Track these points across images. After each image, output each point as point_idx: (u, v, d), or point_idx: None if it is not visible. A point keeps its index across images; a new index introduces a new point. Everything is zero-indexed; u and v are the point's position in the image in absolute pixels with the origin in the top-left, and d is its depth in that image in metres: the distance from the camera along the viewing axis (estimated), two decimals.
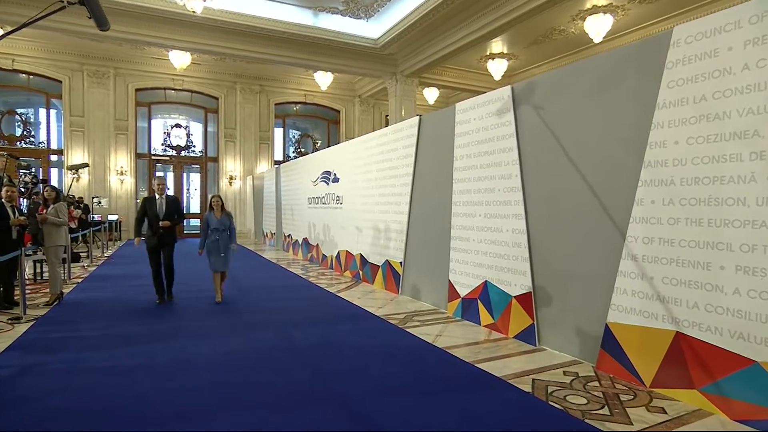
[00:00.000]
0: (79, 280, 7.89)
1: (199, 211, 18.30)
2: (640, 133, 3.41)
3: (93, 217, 13.81)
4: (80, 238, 11.91)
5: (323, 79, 16.87)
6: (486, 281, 4.96)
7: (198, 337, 4.61)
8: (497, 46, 15.13)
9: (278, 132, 19.45)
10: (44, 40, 14.14)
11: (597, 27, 12.66)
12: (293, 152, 19.76)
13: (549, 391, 3.26)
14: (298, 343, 4.42)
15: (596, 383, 3.43)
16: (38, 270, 8.09)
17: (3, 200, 5.61)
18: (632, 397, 3.20)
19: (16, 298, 5.81)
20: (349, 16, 13.31)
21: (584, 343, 3.89)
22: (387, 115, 19.05)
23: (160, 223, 5.89)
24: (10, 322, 5.07)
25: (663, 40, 3.29)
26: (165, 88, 16.98)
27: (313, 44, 13.91)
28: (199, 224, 18.45)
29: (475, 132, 5.15)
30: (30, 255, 7.07)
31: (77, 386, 3.33)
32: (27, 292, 5.88)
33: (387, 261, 7.07)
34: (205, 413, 2.92)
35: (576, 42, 14.13)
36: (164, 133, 17.49)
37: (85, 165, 12.51)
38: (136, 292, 6.72)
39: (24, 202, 8.82)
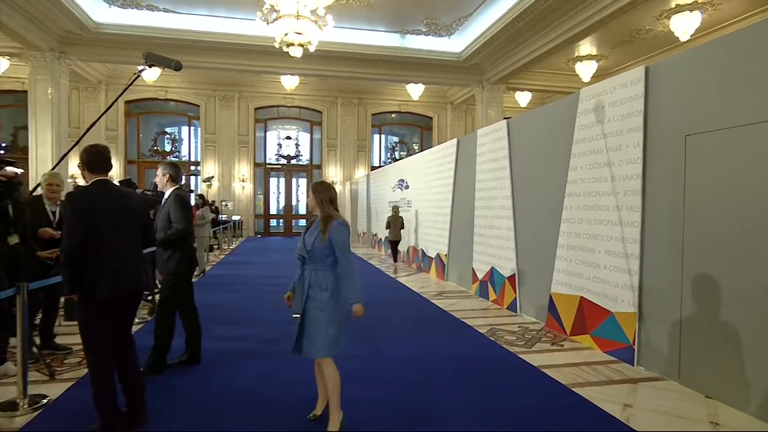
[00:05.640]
0: (214, 263, 11.39)
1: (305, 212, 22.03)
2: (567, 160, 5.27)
3: (222, 217, 17.96)
4: (212, 234, 15.93)
5: (415, 90, 19.39)
6: (492, 267, 6.96)
7: None
8: (585, 47, 16.15)
9: (376, 138, 22.48)
10: (188, 74, 18.70)
11: (684, 25, 13.17)
12: (388, 158, 22.56)
13: (494, 332, 5.30)
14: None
15: (534, 332, 5.36)
16: None
17: None
18: (550, 339, 5.10)
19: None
20: (432, 36, 15.63)
21: (540, 309, 5.78)
22: None
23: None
24: None
25: (575, 99, 5.14)
26: (278, 106, 20.95)
27: (402, 62, 16.45)
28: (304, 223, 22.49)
29: (489, 153, 7.17)
30: None
31: (225, 301, 6.20)
32: None
33: (438, 254, 9.27)
34: None
35: (665, 40, 14.66)
36: (277, 144, 21.50)
37: (211, 177, 16.77)
38: (251, 272, 9.87)
39: None
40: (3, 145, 4.32)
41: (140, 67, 3.54)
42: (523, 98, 20.57)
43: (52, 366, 3.98)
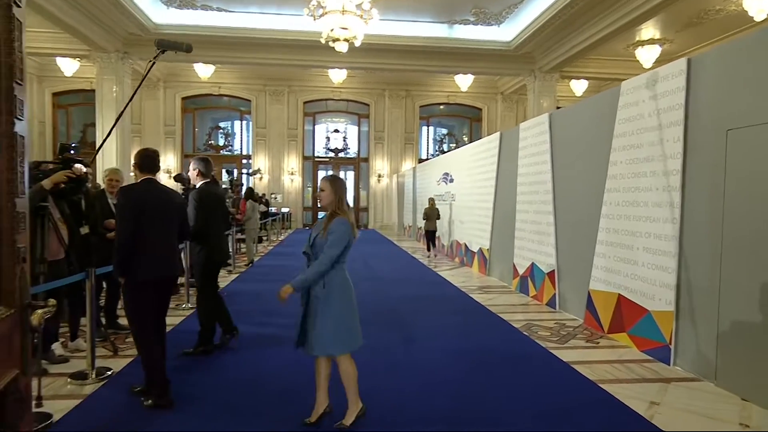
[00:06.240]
0: (263, 254, 11.99)
1: (352, 205, 22.48)
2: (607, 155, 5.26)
3: (271, 209, 18.70)
4: (261, 226, 16.65)
5: (464, 81, 19.26)
6: (533, 262, 6.99)
7: None
8: (647, 31, 15.30)
9: (424, 131, 22.57)
10: (240, 69, 19.53)
11: (759, 3, 12.20)
12: (437, 150, 22.58)
13: (529, 327, 5.39)
14: (391, 296, 7.16)
15: (570, 328, 5.40)
16: (237, 247, 12.46)
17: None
18: (586, 336, 5.13)
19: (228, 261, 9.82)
20: (481, 25, 15.50)
21: (578, 306, 5.79)
22: None
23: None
24: (228, 271, 8.96)
25: (616, 92, 5.10)
26: (326, 99, 21.46)
27: (450, 53, 16.39)
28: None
29: (530, 147, 7.18)
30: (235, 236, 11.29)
31: (268, 290, 6.64)
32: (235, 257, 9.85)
33: (480, 248, 9.35)
34: None
35: (738, 20, 13.72)
36: (325, 137, 22.06)
37: (258, 170, 17.80)
38: (298, 263, 10.31)
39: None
40: (73, 145, 4.80)
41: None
42: (579, 87, 19.99)
43: (116, 343, 4.50)
